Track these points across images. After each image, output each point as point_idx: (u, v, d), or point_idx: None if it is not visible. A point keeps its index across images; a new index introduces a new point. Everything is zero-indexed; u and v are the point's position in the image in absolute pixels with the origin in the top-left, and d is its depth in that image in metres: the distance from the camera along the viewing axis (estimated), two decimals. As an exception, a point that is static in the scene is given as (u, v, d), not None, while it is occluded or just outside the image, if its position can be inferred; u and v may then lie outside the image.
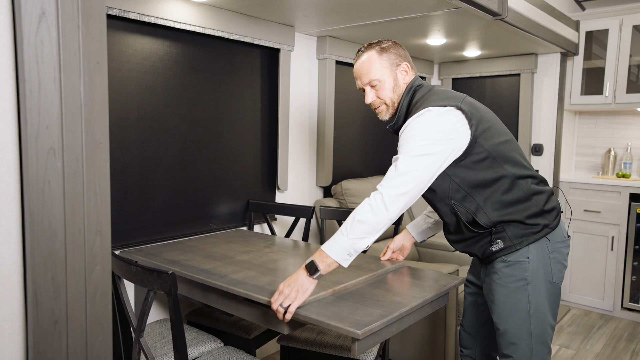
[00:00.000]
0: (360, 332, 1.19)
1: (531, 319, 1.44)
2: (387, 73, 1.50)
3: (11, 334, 0.85)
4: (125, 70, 2.02)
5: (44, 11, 0.81)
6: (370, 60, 1.50)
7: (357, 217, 1.33)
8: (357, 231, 1.32)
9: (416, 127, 1.37)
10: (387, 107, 1.53)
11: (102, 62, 0.90)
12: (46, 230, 0.85)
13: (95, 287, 0.92)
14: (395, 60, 1.51)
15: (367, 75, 1.50)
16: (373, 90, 1.52)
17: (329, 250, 1.32)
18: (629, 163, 3.49)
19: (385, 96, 1.51)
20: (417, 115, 1.38)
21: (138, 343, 1.38)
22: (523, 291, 1.44)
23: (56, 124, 0.84)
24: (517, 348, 1.45)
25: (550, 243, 1.45)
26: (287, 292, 1.31)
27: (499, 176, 1.42)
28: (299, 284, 1.31)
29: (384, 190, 1.33)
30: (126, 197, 2.06)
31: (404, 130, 1.41)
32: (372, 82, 1.50)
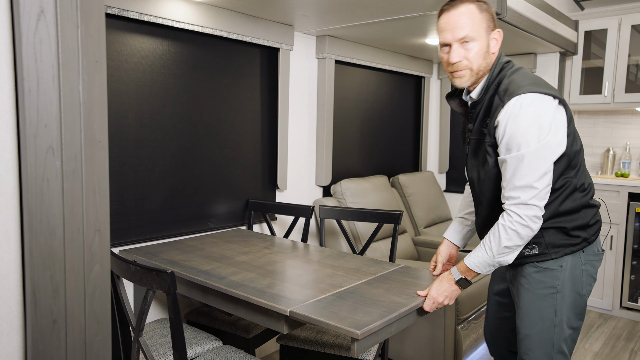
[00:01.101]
0: (360, 332, 1.19)
1: (555, 328, 1.40)
2: (482, 35, 1.31)
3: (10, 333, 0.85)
4: (123, 70, 2.01)
5: (42, 9, 0.81)
6: (471, 14, 1.29)
7: (502, 240, 1.31)
8: (503, 253, 1.34)
9: (528, 119, 1.23)
10: (470, 73, 1.34)
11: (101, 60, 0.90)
12: (45, 229, 0.84)
13: (94, 286, 0.92)
14: (491, 23, 1.32)
15: (462, 29, 1.29)
16: (463, 48, 1.31)
17: (474, 266, 1.39)
18: (627, 162, 3.50)
19: (474, 60, 1.32)
20: (525, 106, 1.24)
21: (137, 342, 1.37)
22: (551, 299, 1.40)
23: (55, 123, 0.84)
24: (535, 355, 1.42)
25: (584, 255, 1.41)
26: (442, 299, 1.42)
27: (563, 183, 1.35)
28: (454, 295, 1.44)
29: (513, 214, 1.29)
30: (124, 195, 2.06)
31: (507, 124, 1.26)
32: (466, 38, 1.30)
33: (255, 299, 1.42)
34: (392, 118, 3.57)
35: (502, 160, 1.30)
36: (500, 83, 1.33)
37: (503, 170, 1.31)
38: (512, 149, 1.27)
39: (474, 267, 1.38)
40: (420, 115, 3.85)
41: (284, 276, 1.72)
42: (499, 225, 1.32)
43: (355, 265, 1.79)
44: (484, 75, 1.37)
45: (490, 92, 1.35)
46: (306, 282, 1.63)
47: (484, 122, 1.37)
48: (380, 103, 3.42)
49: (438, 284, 1.43)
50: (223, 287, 1.52)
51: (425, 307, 1.42)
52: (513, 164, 1.27)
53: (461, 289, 1.42)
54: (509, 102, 1.27)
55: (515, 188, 1.27)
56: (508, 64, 1.37)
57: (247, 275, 1.64)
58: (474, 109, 1.40)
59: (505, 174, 1.30)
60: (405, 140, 3.74)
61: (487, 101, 1.36)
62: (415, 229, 3.31)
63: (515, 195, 1.28)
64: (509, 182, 1.29)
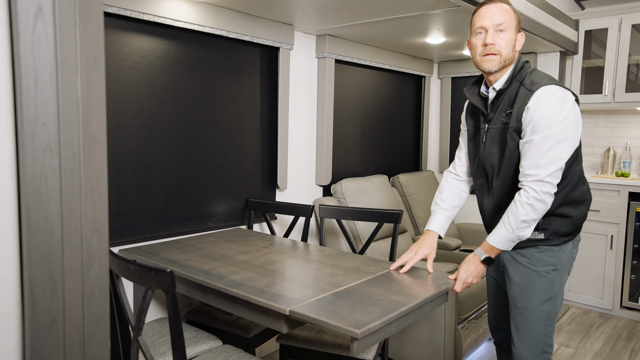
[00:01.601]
0: (360, 332, 1.19)
1: (549, 301, 1.57)
2: (513, 30, 1.52)
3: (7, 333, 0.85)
4: (123, 69, 2.01)
5: (40, 7, 0.81)
6: (507, 11, 1.51)
7: (520, 216, 1.45)
8: (521, 227, 1.47)
9: (553, 107, 1.42)
10: (499, 59, 1.50)
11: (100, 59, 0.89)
12: (43, 228, 0.84)
13: (92, 285, 0.91)
14: (518, 25, 1.54)
15: (500, 17, 1.49)
16: (497, 35, 1.50)
17: (497, 243, 1.52)
18: (628, 162, 3.49)
19: (504, 48, 1.49)
20: (551, 95, 1.42)
21: (136, 342, 1.37)
22: (549, 275, 1.56)
23: (53, 121, 0.84)
24: (530, 326, 1.58)
25: (574, 240, 1.60)
26: (472, 280, 1.58)
27: (573, 172, 1.53)
28: (480, 273, 1.58)
29: (531, 190, 1.43)
30: (123, 194, 2.06)
31: (536, 108, 1.42)
32: (502, 26, 1.49)
33: (255, 299, 1.42)
34: (393, 117, 3.57)
35: (527, 141, 1.45)
36: (524, 78, 1.51)
37: (524, 151, 1.46)
38: (537, 131, 1.43)
39: (497, 244, 1.51)
40: (420, 114, 3.85)
41: (284, 275, 1.72)
42: (516, 202, 1.46)
43: (355, 264, 1.79)
44: (507, 67, 1.53)
45: (514, 85, 1.53)
46: (306, 281, 1.62)
47: (506, 111, 1.53)
48: (380, 102, 3.42)
49: (465, 266, 1.57)
50: (223, 287, 1.52)
51: (457, 288, 1.57)
52: (537, 144, 1.42)
53: (486, 266, 1.57)
54: (538, 90, 1.44)
55: (535, 166, 1.43)
56: (527, 63, 1.57)
57: (247, 275, 1.63)
58: (497, 99, 1.56)
59: (527, 154, 1.45)
60: (405, 139, 3.74)
61: (511, 92, 1.53)
62: (415, 229, 3.31)
63: (534, 173, 1.43)
64: (530, 161, 1.44)
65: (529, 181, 1.43)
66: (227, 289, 1.50)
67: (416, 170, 3.88)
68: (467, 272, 1.57)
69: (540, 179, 1.42)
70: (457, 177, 1.81)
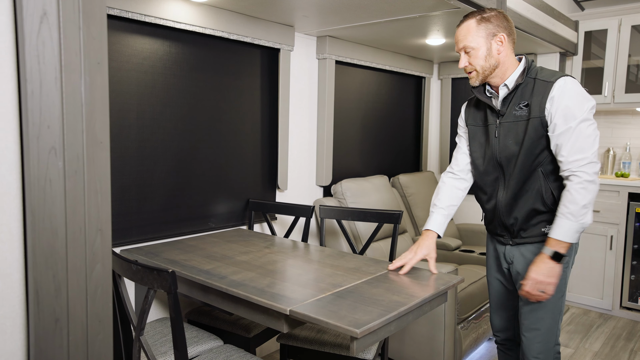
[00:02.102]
0: (359, 331, 1.20)
1: (563, 297, 1.64)
2: (481, 42, 1.58)
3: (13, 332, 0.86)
4: (125, 70, 2.02)
5: (45, 12, 0.82)
6: (468, 29, 1.59)
7: (580, 202, 1.47)
8: (583, 214, 1.49)
9: (579, 93, 1.50)
10: (477, 74, 1.61)
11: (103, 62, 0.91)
12: (47, 228, 0.85)
13: (95, 285, 0.93)
14: (492, 30, 1.58)
15: (462, 41, 1.60)
16: (466, 56, 1.61)
17: (564, 236, 1.50)
18: (628, 162, 3.50)
19: (477, 64, 1.59)
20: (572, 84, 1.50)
21: (138, 341, 1.39)
22: (564, 273, 1.61)
23: (57, 124, 0.85)
24: (545, 322, 1.62)
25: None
26: (543, 279, 1.52)
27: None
28: (554, 272, 1.52)
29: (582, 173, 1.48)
30: (126, 195, 2.07)
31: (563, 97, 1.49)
32: (465, 49, 1.60)
33: (256, 298, 1.43)
34: (393, 118, 3.58)
35: (565, 129, 1.49)
36: (536, 74, 1.59)
37: (563, 140, 1.50)
38: (572, 117, 1.48)
39: (565, 238, 1.50)
40: (420, 115, 3.86)
41: (284, 275, 1.73)
42: (570, 191, 1.48)
43: (355, 264, 1.80)
44: (491, 71, 1.60)
45: (528, 81, 1.59)
46: (306, 281, 1.63)
47: (520, 104, 1.59)
48: (380, 103, 3.43)
49: (534, 267, 1.54)
50: (224, 287, 1.53)
51: (527, 288, 1.54)
52: (576, 130, 1.48)
53: (557, 263, 1.52)
54: (558, 80, 1.52)
55: (580, 150, 1.48)
56: (533, 62, 1.65)
57: (248, 275, 1.65)
58: (509, 95, 1.62)
59: (568, 141, 1.49)
60: (405, 140, 3.75)
61: (523, 88, 1.59)
62: (415, 229, 3.32)
63: (581, 157, 1.48)
64: (573, 147, 1.48)
65: (578, 166, 1.48)
66: (227, 289, 1.52)
67: (416, 170, 3.89)
68: (537, 271, 1.53)
69: (589, 161, 1.47)
70: (454, 176, 1.83)
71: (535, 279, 1.53)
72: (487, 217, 1.77)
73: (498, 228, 1.71)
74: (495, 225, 1.71)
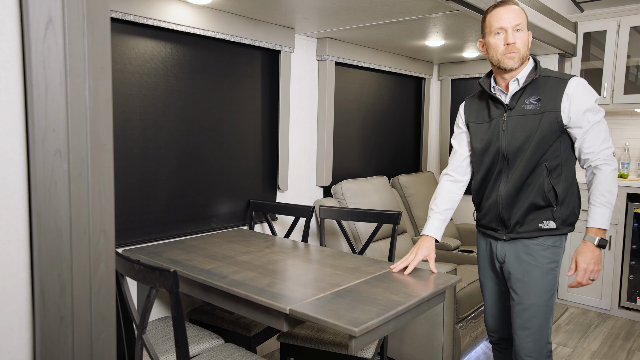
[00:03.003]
0: (357, 330, 1.22)
1: (553, 296, 1.66)
2: (526, 29, 1.64)
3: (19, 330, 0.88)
4: (127, 72, 2.05)
5: (50, 18, 0.84)
6: (521, 12, 1.63)
7: (613, 190, 1.57)
8: (614, 199, 1.58)
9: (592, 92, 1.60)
10: (519, 56, 1.62)
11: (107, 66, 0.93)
12: (52, 229, 0.88)
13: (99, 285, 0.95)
14: (527, 24, 1.65)
15: (517, 18, 1.60)
16: (516, 34, 1.61)
17: (605, 224, 1.57)
18: (626, 163, 3.52)
19: (522, 46, 1.62)
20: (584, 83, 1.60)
21: (141, 339, 1.41)
22: (554, 272, 1.65)
23: (62, 127, 0.87)
24: (537, 321, 1.65)
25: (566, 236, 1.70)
26: (593, 267, 1.57)
27: (573, 159, 1.67)
28: (600, 259, 1.59)
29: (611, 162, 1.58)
30: (128, 196, 2.09)
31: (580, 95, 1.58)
32: (519, 26, 1.61)
33: (256, 298, 1.46)
34: (393, 119, 3.60)
35: (592, 125, 1.58)
36: (544, 71, 1.65)
37: (587, 135, 1.58)
38: (592, 115, 1.58)
39: (606, 225, 1.57)
40: (420, 116, 3.88)
41: (285, 275, 1.75)
42: (605, 179, 1.57)
43: (354, 264, 1.82)
44: (524, 63, 1.64)
45: (540, 78, 1.64)
46: (306, 281, 1.66)
47: (531, 99, 1.63)
48: (380, 104, 3.45)
49: (582, 256, 1.58)
50: (224, 286, 1.55)
51: (582, 280, 1.59)
52: (598, 125, 1.58)
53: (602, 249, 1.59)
54: (572, 79, 1.60)
55: (605, 142, 1.59)
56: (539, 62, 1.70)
57: (248, 275, 1.67)
58: (519, 90, 1.66)
59: (591, 135, 1.58)
60: (405, 141, 3.77)
61: (535, 84, 1.64)
62: (415, 229, 3.34)
63: (607, 146, 1.59)
64: (596, 140, 1.58)
65: (605, 157, 1.57)
66: (228, 288, 1.54)
67: (416, 171, 3.91)
68: (586, 260, 1.57)
69: (612, 150, 1.59)
70: (452, 179, 1.85)
71: (586, 268, 1.57)
72: (482, 211, 1.77)
73: (494, 222, 1.72)
74: (491, 219, 1.72)
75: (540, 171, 1.62)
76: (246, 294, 1.49)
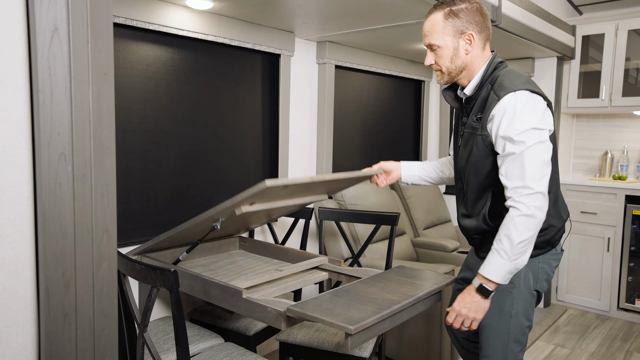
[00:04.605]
0: (353, 327, 1.25)
1: (511, 319, 1.48)
2: (447, 40, 1.42)
3: (25, 326, 0.92)
4: (129, 77, 2.08)
5: (56, 27, 0.88)
6: (434, 24, 1.43)
7: (514, 238, 1.31)
8: (519, 253, 1.33)
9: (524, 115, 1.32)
10: (442, 74, 1.48)
11: (109, 72, 0.97)
12: (57, 229, 0.91)
13: (102, 283, 0.98)
14: (461, 27, 1.41)
15: (427, 37, 1.46)
16: (433, 53, 1.47)
17: (492, 275, 1.35)
18: (625, 165, 3.54)
19: (442, 64, 1.45)
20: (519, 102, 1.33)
21: (142, 337, 1.44)
22: (509, 293, 1.48)
23: (67, 131, 0.91)
24: (493, 343, 1.51)
25: (543, 255, 1.49)
26: (466, 312, 1.39)
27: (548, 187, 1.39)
28: (479, 307, 1.39)
29: (522, 205, 1.31)
30: (130, 197, 2.13)
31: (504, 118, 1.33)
32: (432, 46, 1.45)
33: (255, 298, 1.49)
34: (392, 122, 3.63)
35: (503, 155, 1.35)
36: (495, 80, 1.41)
37: (503, 166, 1.36)
38: (510, 145, 1.33)
39: (494, 277, 1.34)
40: (420, 118, 3.91)
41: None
42: (508, 223, 1.33)
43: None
44: (458, 73, 1.47)
45: (485, 89, 1.43)
46: (304, 281, 1.68)
47: (477, 116, 1.44)
48: (380, 107, 3.48)
49: (461, 296, 1.42)
50: (224, 286, 1.58)
51: (448, 319, 1.42)
52: (515, 159, 1.33)
53: (484, 298, 1.38)
54: (505, 97, 1.35)
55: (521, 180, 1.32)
56: (502, 64, 1.46)
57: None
58: (467, 104, 1.49)
59: (507, 168, 1.35)
60: (405, 143, 3.80)
61: (482, 97, 1.44)
62: (414, 231, 3.36)
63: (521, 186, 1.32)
64: (511, 175, 1.34)
65: (518, 197, 1.32)
66: (228, 287, 1.57)
67: (416, 173, 3.93)
68: (460, 303, 1.40)
69: (532, 192, 1.31)
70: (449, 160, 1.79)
71: (458, 311, 1.40)
72: None
73: (470, 240, 1.62)
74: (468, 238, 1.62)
75: (487, 197, 1.45)
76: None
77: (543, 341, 2.94)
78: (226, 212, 1.57)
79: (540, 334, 3.04)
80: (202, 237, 1.80)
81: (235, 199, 1.49)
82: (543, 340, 2.95)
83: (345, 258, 2.73)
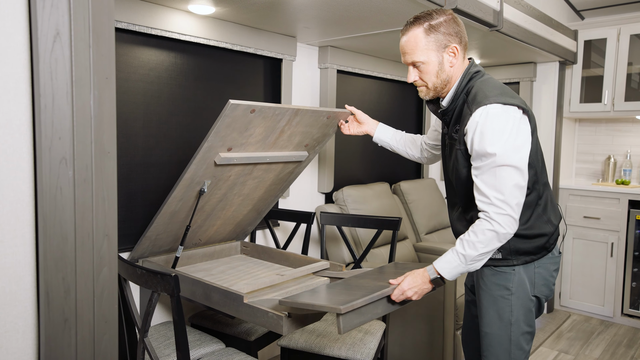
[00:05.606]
0: (342, 307, 1.25)
1: (512, 326, 1.48)
2: (432, 56, 1.40)
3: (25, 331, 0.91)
4: (132, 81, 2.09)
5: (58, 32, 0.88)
6: (416, 40, 1.40)
7: (479, 251, 1.34)
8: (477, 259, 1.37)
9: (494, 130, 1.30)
10: (427, 90, 1.47)
11: (111, 77, 0.97)
12: (58, 234, 0.91)
13: (102, 288, 0.98)
14: (443, 41, 1.39)
15: (410, 55, 1.43)
16: (416, 70, 1.45)
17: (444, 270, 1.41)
18: (628, 170, 3.53)
19: (428, 80, 1.44)
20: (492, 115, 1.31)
21: (142, 343, 1.43)
22: (507, 300, 1.48)
23: (68, 136, 0.91)
24: (495, 351, 1.50)
25: (543, 259, 1.49)
26: (411, 294, 1.43)
27: (536, 193, 1.42)
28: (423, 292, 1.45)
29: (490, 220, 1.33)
30: (131, 202, 2.13)
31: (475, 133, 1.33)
32: (415, 64, 1.43)
33: (256, 302, 1.48)
34: (394, 126, 3.62)
35: (475, 168, 1.37)
36: (469, 92, 1.40)
37: (475, 180, 1.36)
38: (482, 158, 1.33)
39: (446, 274, 1.41)
40: (422, 123, 3.91)
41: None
42: (476, 229, 1.35)
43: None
44: (443, 87, 1.46)
45: (460, 101, 1.43)
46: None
47: (455, 129, 1.45)
48: (382, 111, 3.48)
49: (411, 277, 1.43)
50: (225, 290, 1.58)
51: (393, 296, 1.42)
52: (485, 172, 1.33)
53: (434, 287, 1.45)
54: (476, 111, 1.34)
55: (485, 196, 1.33)
56: (477, 74, 1.44)
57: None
58: (445, 115, 1.49)
59: (478, 182, 1.35)
60: (407, 147, 3.80)
61: (458, 109, 1.43)
62: (416, 236, 3.35)
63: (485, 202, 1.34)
64: (480, 187, 1.35)
65: (492, 213, 1.32)
66: (229, 292, 1.56)
67: (417, 177, 3.93)
68: (410, 285, 1.42)
69: (503, 213, 1.31)
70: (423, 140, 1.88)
71: (404, 290, 1.41)
72: None
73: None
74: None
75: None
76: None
77: (547, 347, 2.92)
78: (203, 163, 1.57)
79: (544, 340, 3.02)
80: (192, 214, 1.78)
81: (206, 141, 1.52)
82: (547, 346, 2.93)
83: (347, 263, 2.72)
